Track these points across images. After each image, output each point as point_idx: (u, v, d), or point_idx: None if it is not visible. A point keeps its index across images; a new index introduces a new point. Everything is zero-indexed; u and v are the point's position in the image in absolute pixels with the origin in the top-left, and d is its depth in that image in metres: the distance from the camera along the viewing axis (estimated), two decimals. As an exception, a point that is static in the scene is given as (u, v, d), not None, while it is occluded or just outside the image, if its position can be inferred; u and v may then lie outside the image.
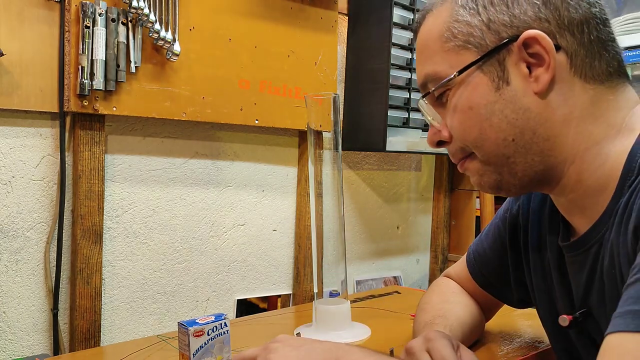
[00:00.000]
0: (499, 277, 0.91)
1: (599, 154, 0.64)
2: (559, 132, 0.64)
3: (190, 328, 0.80)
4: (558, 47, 0.63)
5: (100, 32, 1.16)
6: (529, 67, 0.63)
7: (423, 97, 0.70)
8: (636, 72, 1.56)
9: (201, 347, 0.81)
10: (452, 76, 0.65)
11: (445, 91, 0.67)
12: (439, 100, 0.69)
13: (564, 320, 0.70)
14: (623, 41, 1.53)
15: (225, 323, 0.84)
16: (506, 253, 0.89)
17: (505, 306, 0.97)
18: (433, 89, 0.68)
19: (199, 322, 0.82)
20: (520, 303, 0.92)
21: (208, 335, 0.82)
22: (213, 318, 0.83)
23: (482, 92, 0.64)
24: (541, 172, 0.66)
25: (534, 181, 0.67)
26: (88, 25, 1.15)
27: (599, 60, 0.64)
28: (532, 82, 0.63)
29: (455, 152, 0.70)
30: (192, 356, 0.80)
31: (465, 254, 0.99)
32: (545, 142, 0.64)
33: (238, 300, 1.52)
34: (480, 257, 0.94)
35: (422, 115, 0.73)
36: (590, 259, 0.66)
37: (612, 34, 0.66)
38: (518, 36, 0.63)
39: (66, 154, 1.20)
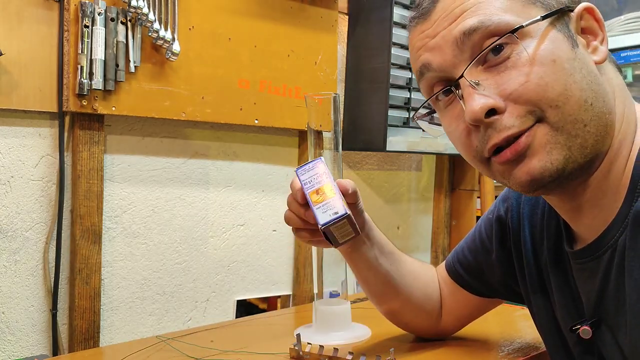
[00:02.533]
0: (473, 275, 0.91)
1: (625, 148, 0.61)
2: (613, 109, 0.60)
3: (320, 159, 0.86)
4: None
5: (99, 31, 1.15)
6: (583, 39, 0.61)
7: (478, 54, 0.58)
8: (636, 72, 1.56)
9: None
10: (537, 18, 0.58)
11: (505, 46, 0.58)
12: (491, 60, 0.59)
13: (587, 332, 0.65)
14: (623, 41, 1.53)
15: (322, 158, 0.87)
16: (487, 253, 0.87)
17: (506, 306, 0.96)
18: (509, 31, 0.57)
19: (308, 161, 0.86)
20: (507, 298, 0.91)
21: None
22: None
23: (562, 46, 0.58)
24: (596, 152, 0.59)
25: (588, 165, 0.60)
26: (87, 24, 1.14)
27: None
28: (590, 52, 0.60)
29: (515, 121, 0.57)
30: (332, 182, 0.84)
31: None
32: (609, 115, 0.59)
33: (238, 300, 1.51)
34: (457, 256, 0.94)
35: (455, 85, 0.60)
36: (603, 266, 0.62)
37: None
38: (574, 5, 0.61)
39: (65, 153, 1.20)
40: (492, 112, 0.58)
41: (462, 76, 0.59)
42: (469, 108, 0.58)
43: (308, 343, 0.93)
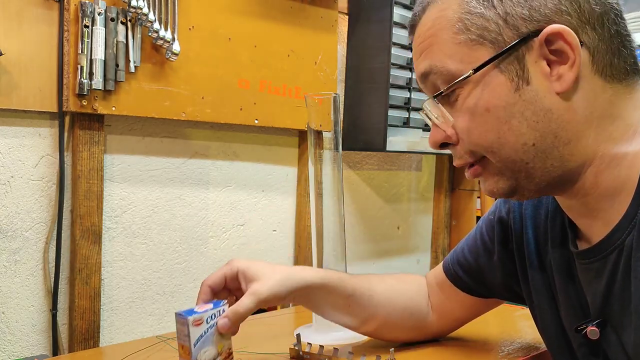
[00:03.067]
0: (474, 277, 0.89)
1: (616, 155, 0.60)
2: (580, 134, 0.60)
3: (189, 317, 0.77)
4: (581, 43, 0.58)
5: (99, 31, 1.15)
6: (549, 65, 0.59)
7: (435, 97, 0.63)
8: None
9: (201, 336, 0.78)
10: (467, 74, 0.59)
11: (456, 89, 0.61)
12: (446, 99, 0.63)
13: (594, 333, 0.65)
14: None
15: (223, 310, 0.80)
16: (488, 255, 0.86)
17: (506, 306, 0.96)
18: (444, 88, 0.61)
19: (198, 310, 0.79)
20: (508, 299, 0.91)
21: (207, 323, 0.79)
22: (211, 305, 0.81)
23: (501, 92, 0.59)
24: (559, 176, 0.62)
25: (550, 185, 0.63)
26: (87, 24, 1.14)
27: (618, 57, 0.61)
28: (553, 81, 0.59)
29: (463, 155, 0.64)
30: (192, 347, 0.76)
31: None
32: (565, 146, 0.60)
33: (238, 300, 1.51)
34: (456, 257, 0.92)
35: (423, 113, 0.66)
36: (609, 266, 0.62)
37: (627, 28, 0.63)
38: (539, 31, 0.58)
39: (65, 153, 1.20)
40: (445, 144, 0.65)
41: (422, 108, 0.66)
42: (429, 138, 0.66)
43: (308, 343, 0.93)
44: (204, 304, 0.81)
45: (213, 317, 0.80)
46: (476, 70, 0.59)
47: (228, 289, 0.85)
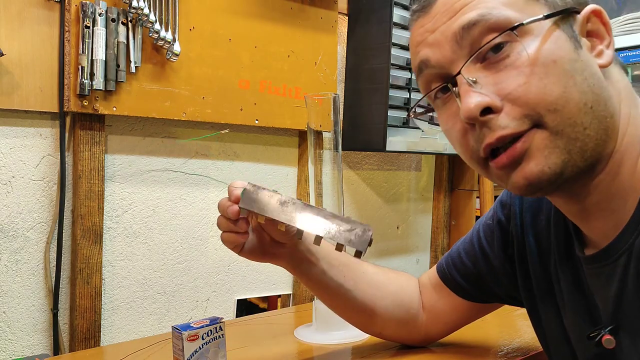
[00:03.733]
0: (473, 281, 0.88)
1: (634, 148, 0.59)
2: (618, 111, 0.59)
3: (184, 332, 0.78)
4: None
5: (100, 32, 1.16)
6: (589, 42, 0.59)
7: (476, 51, 0.56)
8: (636, 72, 1.56)
9: (195, 351, 0.80)
10: (539, 17, 0.55)
11: (507, 43, 0.56)
12: (490, 57, 0.57)
13: (610, 342, 0.63)
14: (623, 41, 1.54)
15: (220, 327, 0.82)
16: (487, 260, 0.85)
17: (506, 307, 0.96)
18: (510, 28, 0.55)
19: (194, 326, 0.80)
20: (508, 303, 0.89)
21: (202, 339, 0.80)
22: (208, 322, 0.82)
23: (564, 47, 0.56)
24: (597, 156, 0.58)
25: (589, 168, 0.58)
26: (88, 25, 1.15)
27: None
28: (595, 55, 0.58)
29: (510, 123, 0.56)
30: None
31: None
32: (610, 119, 0.58)
33: (238, 300, 1.52)
34: (452, 261, 0.90)
35: (456, 84, 0.58)
36: (619, 270, 0.60)
37: None
38: (578, 9, 0.59)
39: (66, 154, 1.20)
40: (487, 110, 0.56)
41: (459, 73, 0.58)
42: (464, 106, 0.56)
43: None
44: (201, 319, 0.82)
45: (209, 333, 0.81)
46: (547, 16, 0.56)
47: None
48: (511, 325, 1.12)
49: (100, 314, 1.24)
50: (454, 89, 0.59)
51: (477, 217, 2.07)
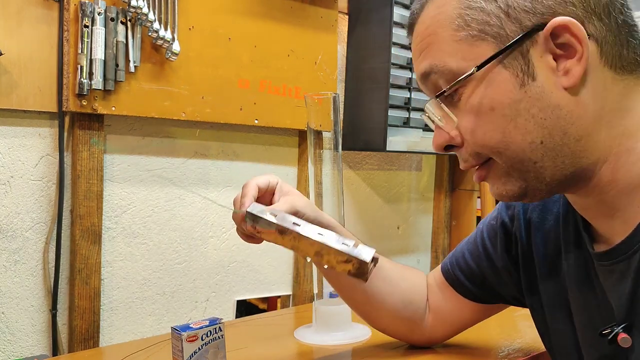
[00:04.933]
0: (477, 282, 0.87)
1: (633, 150, 0.58)
2: (591, 130, 0.57)
3: (184, 333, 0.78)
4: (587, 35, 0.55)
5: (99, 31, 1.15)
6: (555, 59, 0.56)
7: (437, 97, 0.61)
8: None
9: (195, 352, 0.79)
10: (470, 72, 0.57)
11: (458, 89, 0.59)
12: (449, 99, 0.61)
13: (626, 341, 0.62)
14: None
15: (219, 328, 0.82)
16: (490, 261, 0.84)
17: (508, 307, 0.96)
18: (446, 87, 0.59)
19: (193, 326, 0.80)
20: (513, 304, 0.89)
21: (202, 340, 0.80)
22: (207, 322, 0.82)
23: (505, 89, 0.57)
24: (571, 174, 0.59)
25: (562, 184, 0.61)
26: (87, 24, 1.14)
27: (627, 48, 0.58)
28: (560, 75, 0.56)
29: (469, 157, 0.62)
30: None
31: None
32: (576, 142, 0.57)
33: (238, 301, 1.51)
34: (457, 262, 0.90)
35: (425, 115, 0.63)
36: (634, 267, 0.60)
37: (634, 18, 0.59)
38: (544, 24, 0.55)
39: (65, 153, 1.20)
40: (450, 146, 0.62)
41: (425, 110, 0.63)
42: (432, 141, 0.64)
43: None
44: (201, 320, 0.82)
45: (208, 334, 0.81)
46: (479, 67, 0.57)
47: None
48: (512, 325, 1.12)
49: (99, 315, 1.24)
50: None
51: (478, 217, 2.07)
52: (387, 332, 0.96)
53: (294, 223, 0.75)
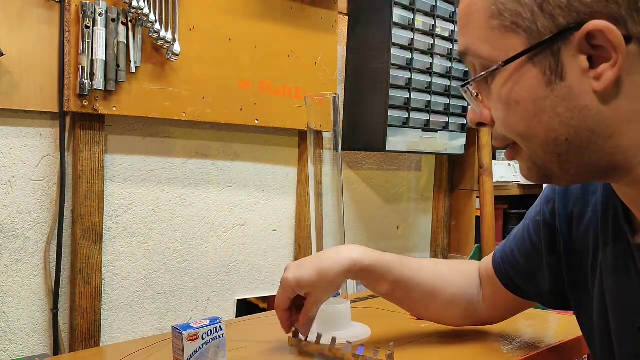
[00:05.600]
0: (524, 278, 0.86)
1: None
2: (624, 128, 0.55)
3: (184, 332, 0.78)
4: (629, 38, 0.52)
5: (100, 32, 1.16)
6: (590, 59, 0.53)
7: (470, 81, 0.61)
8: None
9: (195, 351, 0.80)
10: (497, 67, 0.56)
11: (489, 77, 0.59)
12: (483, 82, 0.60)
13: None
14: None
15: (220, 327, 0.82)
16: (539, 256, 0.83)
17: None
18: (478, 75, 0.59)
19: (193, 326, 0.80)
20: (553, 305, 0.87)
21: (202, 339, 0.80)
22: (208, 322, 0.82)
23: (531, 86, 0.55)
24: (604, 167, 0.57)
25: (592, 176, 0.60)
26: (88, 25, 1.15)
27: None
28: (591, 78, 0.53)
29: (498, 137, 0.62)
30: None
31: (492, 253, 0.95)
32: (607, 140, 0.55)
33: (238, 300, 1.52)
34: (507, 257, 0.89)
35: (462, 89, 0.63)
36: None
37: None
38: (579, 24, 0.52)
39: (66, 154, 1.20)
40: (482, 123, 0.63)
41: (467, 83, 0.63)
42: (467, 116, 0.65)
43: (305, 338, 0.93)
44: (201, 319, 0.83)
45: (209, 333, 0.81)
46: (506, 62, 0.56)
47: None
48: (512, 325, 1.12)
49: (100, 314, 1.24)
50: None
51: (477, 217, 2.08)
52: (440, 322, 1.00)
53: None
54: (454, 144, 1.84)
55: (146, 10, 1.19)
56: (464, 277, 0.97)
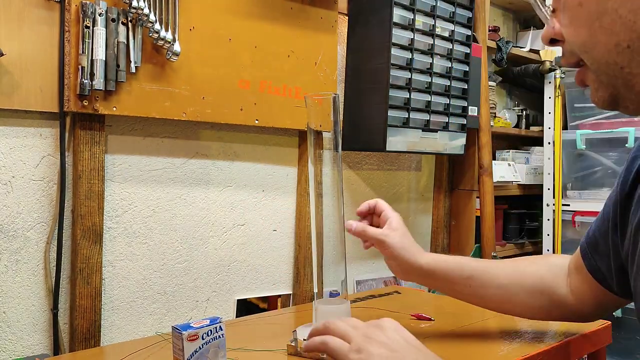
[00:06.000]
0: (605, 260, 0.84)
1: None
2: None
3: (184, 332, 0.79)
4: None
5: (100, 32, 1.16)
6: None
7: None
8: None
9: (195, 351, 0.80)
10: None
11: None
12: None
13: None
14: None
15: (220, 327, 0.82)
16: (615, 235, 0.80)
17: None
18: None
19: (194, 326, 0.80)
20: (622, 291, 0.82)
21: (202, 339, 0.81)
22: (208, 322, 0.82)
23: None
24: None
25: None
26: (88, 25, 1.15)
27: None
28: None
29: (566, 54, 0.61)
30: None
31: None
32: None
33: (238, 300, 1.52)
34: (590, 240, 0.87)
35: (538, 6, 0.65)
36: None
37: None
38: None
39: (66, 154, 1.20)
40: (554, 40, 0.61)
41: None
42: (542, 33, 0.64)
43: (304, 339, 0.93)
44: (201, 319, 0.83)
45: (209, 333, 0.81)
46: None
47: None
48: (512, 325, 1.12)
49: (100, 314, 1.24)
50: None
51: (477, 217, 2.08)
52: (530, 317, 0.99)
53: None
54: (454, 144, 1.84)
55: (146, 10, 1.19)
56: (546, 267, 0.95)
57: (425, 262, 0.97)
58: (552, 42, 0.62)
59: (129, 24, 1.21)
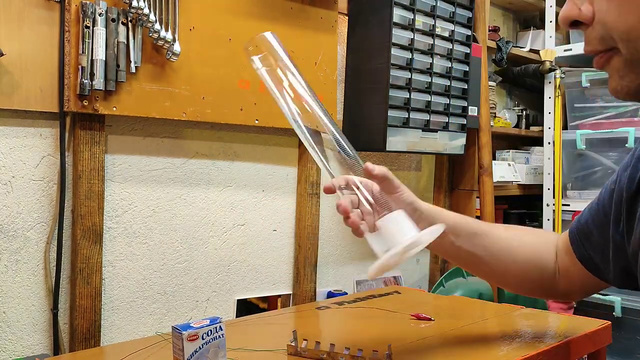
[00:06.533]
0: (598, 251, 0.84)
1: None
2: None
3: (184, 332, 0.79)
4: None
5: (100, 32, 1.16)
6: None
7: None
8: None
9: (195, 351, 0.80)
10: None
11: None
12: None
13: None
14: None
15: (220, 327, 0.82)
16: (609, 226, 0.80)
17: (506, 306, 0.96)
18: None
19: (194, 326, 0.80)
20: (621, 283, 0.83)
21: (202, 339, 0.81)
22: (208, 322, 0.82)
23: None
24: None
25: None
26: (88, 25, 1.15)
27: None
28: None
29: (593, 40, 0.56)
30: None
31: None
32: None
33: (238, 300, 1.52)
34: (582, 228, 0.87)
35: None
36: None
37: None
38: None
39: (66, 154, 1.20)
40: (576, 23, 0.57)
41: None
42: (560, 12, 0.58)
43: (304, 339, 0.93)
44: (201, 319, 0.83)
45: (209, 333, 0.81)
46: None
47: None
48: (512, 325, 1.12)
49: (100, 314, 1.24)
50: None
51: (478, 217, 2.08)
52: (520, 292, 0.98)
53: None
54: (454, 144, 1.84)
55: (146, 10, 1.19)
56: (541, 239, 0.95)
57: (427, 207, 0.93)
58: (574, 24, 0.57)
59: (129, 24, 1.21)
